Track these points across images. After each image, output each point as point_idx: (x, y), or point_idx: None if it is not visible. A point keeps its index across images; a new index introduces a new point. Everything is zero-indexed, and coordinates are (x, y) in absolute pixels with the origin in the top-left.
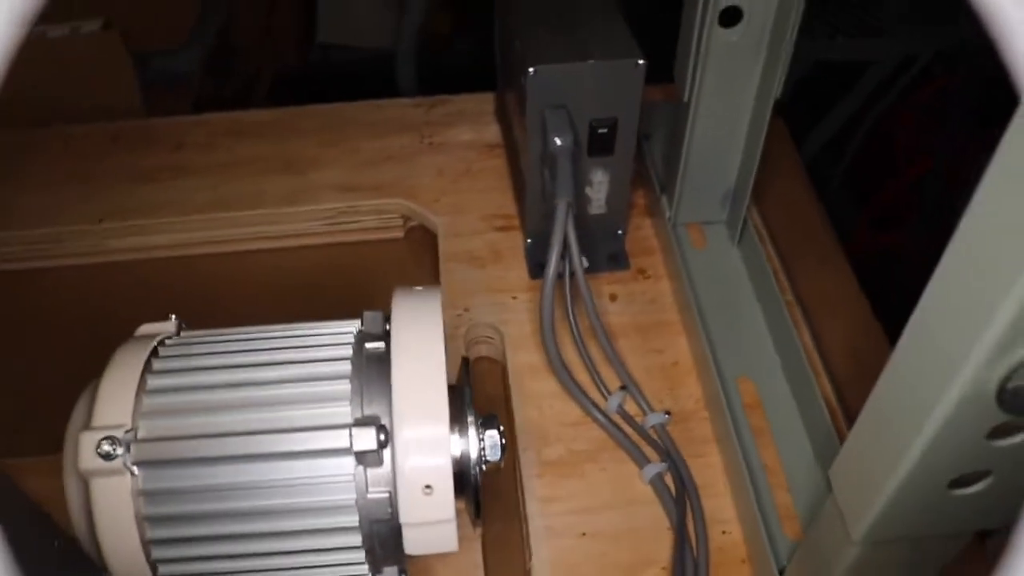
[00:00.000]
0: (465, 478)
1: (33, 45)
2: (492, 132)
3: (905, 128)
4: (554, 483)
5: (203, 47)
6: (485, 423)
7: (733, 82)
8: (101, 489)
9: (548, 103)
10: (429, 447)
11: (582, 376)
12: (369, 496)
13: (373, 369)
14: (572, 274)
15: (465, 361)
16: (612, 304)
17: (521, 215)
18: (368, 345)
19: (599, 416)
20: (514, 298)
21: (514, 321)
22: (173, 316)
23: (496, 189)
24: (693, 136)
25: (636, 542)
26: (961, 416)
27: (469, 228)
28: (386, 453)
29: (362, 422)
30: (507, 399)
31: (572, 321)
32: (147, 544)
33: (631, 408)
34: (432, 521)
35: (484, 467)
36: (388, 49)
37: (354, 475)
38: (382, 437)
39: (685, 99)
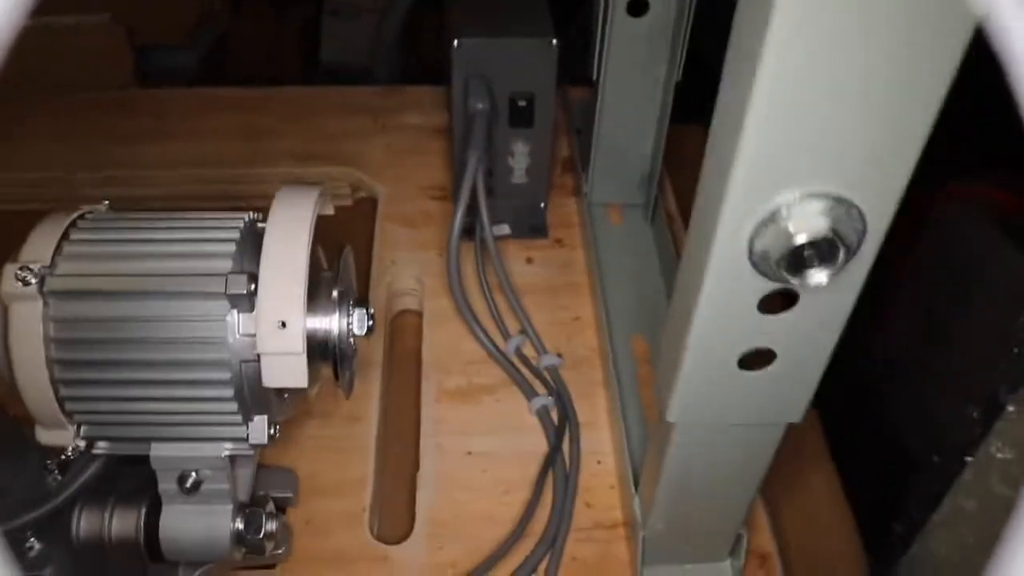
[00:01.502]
0: (331, 346)
1: (40, 31)
2: (441, 119)
3: None
4: (450, 409)
5: (202, 48)
6: (357, 303)
7: (641, 68)
8: (17, 312)
9: (471, 73)
10: (286, 292)
11: (489, 324)
12: (239, 335)
13: (255, 242)
14: (483, 229)
15: (339, 249)
16: (528, 266)
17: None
18: (257, 224)
19: (497, 353)
20: (439, 255)
21: (434, 274)
22: (107, 202)
23: (437, 166)
24: (603, 116)
25: (517, 463)
26: (724, 278)
27: (407, 196)
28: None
29: (236, 272)
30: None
31: (481, 274)
32: (51, 364)
33: (530, 353)
34: (284, 351)
35: (353, 340)
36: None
37: (227, 316)
38: (252, 286)
39: (594, 78)
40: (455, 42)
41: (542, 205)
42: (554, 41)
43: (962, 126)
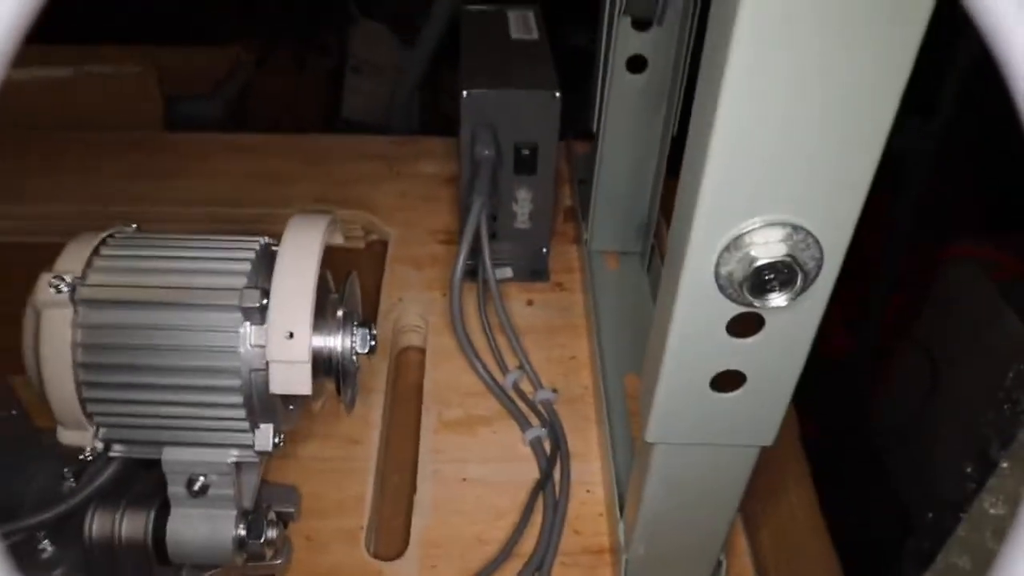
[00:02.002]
0: (334, 362)
1: (80, 79)
2: (453, 168)
3: None
4: (448, 438)
5: (227, 98)
6: (360, 324)
7: (639, 122)
8: (48, 317)
9: (478, 122)
10: (294, 306)
11: (489, 360)
12: (250, 345)
13: (268, 262)
14: (485, 270)
15: (347, 274)
16: (528, 308)
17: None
18: (271, 248)
19: (495, 387)
20: (443, 295)
21: (438, 312)
22: (135, 225)
23: (447, 212)
24: (603, 167)
25: (510, 490)
26: (694, 301)
27: (416, 239)
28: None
29: (250, 287)
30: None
31: (483, 313)
32: (76, 367)
33: (526, 388)
34: (291, 360)
35: (356, 358)
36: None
37: (239, 327)
38: (264, 301)
39: (593, 129)
40: (464, 92)
41: (544, 250)
42: (557, 94)
43: (964, 189)
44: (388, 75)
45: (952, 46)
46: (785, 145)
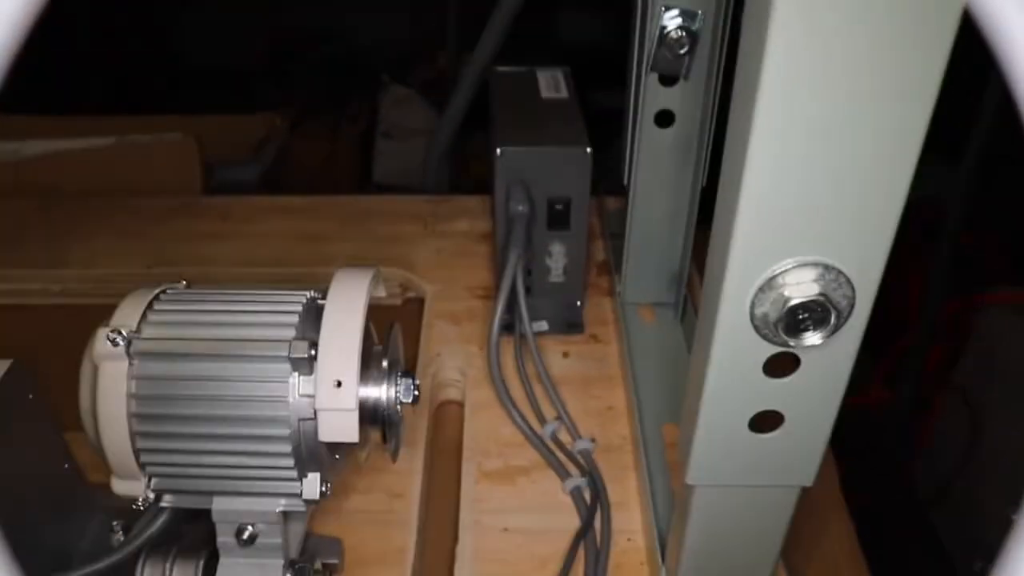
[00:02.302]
0: (380, 412)
1: (122, 147)
2: (487, 225)
3: None
4: (488, 488)
5: (263, 164)
6: (404, 375)
7: (669, 174)
8: (105, 370)
9: (513, 179)
10: (342, 355)
11: (526, 410)
12: (299, 395)
13: (315, 315)
14: (521, 323)
15: (390, 326)
16: (564, 360)
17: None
18: (317, 301)
19: (534, 438)
20: (481, 349)
21: (477, 366)
22: (184, 281)
23: (483, 267)
24: (634, 220)
25: (551, 539)
26: (730, 341)
27: (453, 295)
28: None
29: (299, 338)
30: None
31: (520, 365)
32: (131, 418)
33: (565, 439)
34: (339, 408)
35: (400, 407)
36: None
37: (289, 378)
38: (312, 352)
39: (625, 183)
40: (498, 150)
41: (578, 303)
42: (588, 150)
43: (998, 235)
44: (418, 139)
45: (979, 91)
46: (814, 188)
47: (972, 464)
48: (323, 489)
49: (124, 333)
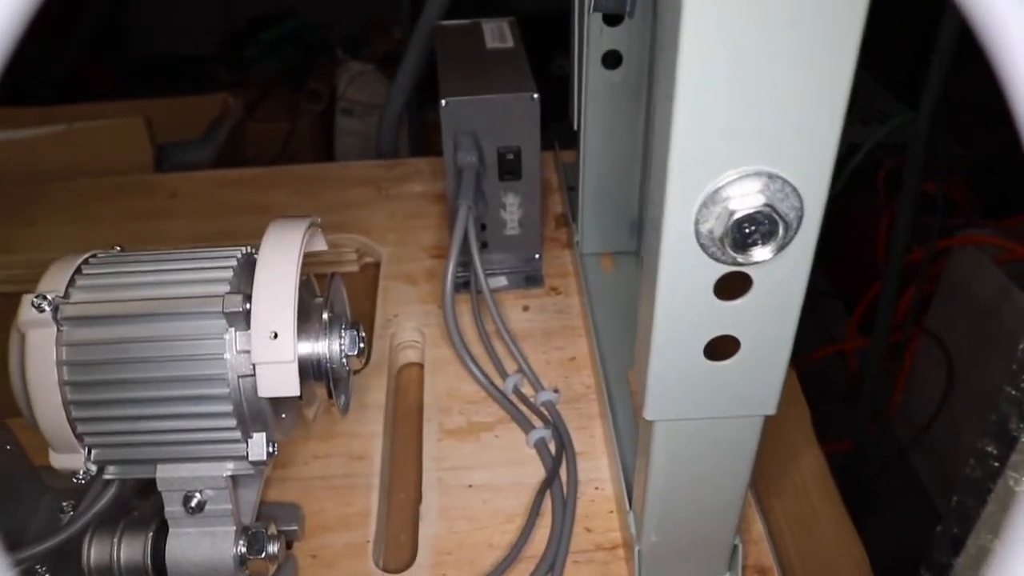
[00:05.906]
0: (323, 365)
1: (71, 133)
2: (442, 186)
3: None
4: (451, 446)
5: (216, 143)
6: (349, 327)
7: (619, 117)
8: (33, 337)
9: (460, 130)
10: (276, 306)
11: (487, 366)
12: (236, 351)
13: (250, 270)
14: (477, 279)
15: (331, 276)
16: (524, 313)
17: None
18: (253, 256)
19: (495, 393)
20: (439, 307)
21: (434, 324)
22: (119, 247)
23: (438, 227)
24: (587, 167)
25: (516, 493)
26: (677, 263)
27: (409, 256)
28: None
29: (233, 293)
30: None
31: (479, 322)
32: (63, 386)
33: (527, 392)
34: (276, 361)
35: (346, 361)
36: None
37: (224, 334)
38: (247, 306)
39: (575, 128)
40: (443, 101)
41: (536, 256)
42: (535, 96)
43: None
44: (378, 114)
45: (934, 36)
46: (752, 94)
47: (948, 401)
48: (270, 450)
49: (50, 298)
